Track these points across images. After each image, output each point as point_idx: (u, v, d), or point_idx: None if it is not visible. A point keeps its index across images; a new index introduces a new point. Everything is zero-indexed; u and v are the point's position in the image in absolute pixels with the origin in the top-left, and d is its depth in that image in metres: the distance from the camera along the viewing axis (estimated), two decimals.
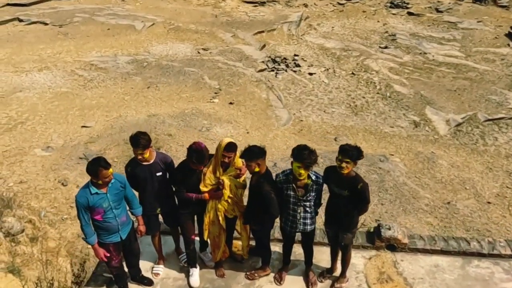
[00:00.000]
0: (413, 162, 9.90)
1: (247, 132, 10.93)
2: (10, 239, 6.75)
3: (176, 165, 4.80)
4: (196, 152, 4.38)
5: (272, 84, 13.87)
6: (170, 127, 10.63)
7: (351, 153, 4.15)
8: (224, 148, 4.39)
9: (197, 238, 5.14)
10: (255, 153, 4.33)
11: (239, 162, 4.61)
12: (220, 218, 4.73)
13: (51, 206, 8.19)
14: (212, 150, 4.70)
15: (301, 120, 12.01)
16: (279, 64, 15.24)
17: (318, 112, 12.44)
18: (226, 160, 4.47)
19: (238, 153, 4.56)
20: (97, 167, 4.06)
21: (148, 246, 5.38)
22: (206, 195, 4.63)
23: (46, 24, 18.46)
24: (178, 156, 9.05)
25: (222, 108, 12.21)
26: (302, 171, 4.25)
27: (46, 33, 17.55)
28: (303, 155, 4.15)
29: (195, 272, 5.07)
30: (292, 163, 4.30)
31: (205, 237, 4.93)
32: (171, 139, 10.09)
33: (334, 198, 4.53)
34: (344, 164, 4.18)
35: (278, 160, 9.24)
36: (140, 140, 4.44)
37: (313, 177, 4.42)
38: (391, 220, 7.95)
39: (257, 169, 4.37)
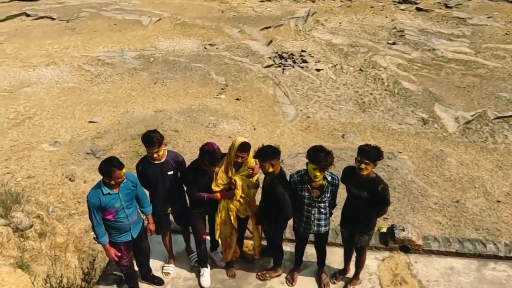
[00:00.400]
0: (421, 159, 9.82)
1: (254, 129, 10.88)
2: (18, 234, 6.74)
3: (187, 163, 4.75)
4: (209, 154, 4.31)
5: (279, 80, 13.78)
6: (177, 123, 10.60)
7: (370, 154, 4.05)
8: (238, 148, 4.32)
9: (208, 238, 5.10)
10: (269, 154, 4.25)
11: (252, 161, 4.54)
12: (232, 218, 4.68)
13: (58, 201, 8.22)
14: (221, 147, 4.63)
15: (308, 117, 11.93)
16: (286, 60, 15.11)
17: (325, 108, 12.34)
18: (239, 160, 4.40)
19: (251, 153, 4.49)
20: (110, 167, 4.01)
21: (158, 245, 5.34)
22: (218, 194, 4.57)
23: (53, 19, 18.47)
24: (185, 152, 9.03)
25: (228, 104, 12.15)
26: (318, 173, 4.16)
27: (53, 28, 17.56)
28: (319, 157, 4.05)
29: (206, 272, 5.03)
30: (307, 164, 4.21)
31: (217, 237, 4.89)
32: (178, 135, 10.06)
33: (353, 199, 4.42)
34: (363, 165, 4.09)
35: (285, 157, 9.18)
36: (153, 139, 4.38)
37: (329, 178, 4.33)
38: (399, 218, 7.90)
39: (271, 170, 4.29)
